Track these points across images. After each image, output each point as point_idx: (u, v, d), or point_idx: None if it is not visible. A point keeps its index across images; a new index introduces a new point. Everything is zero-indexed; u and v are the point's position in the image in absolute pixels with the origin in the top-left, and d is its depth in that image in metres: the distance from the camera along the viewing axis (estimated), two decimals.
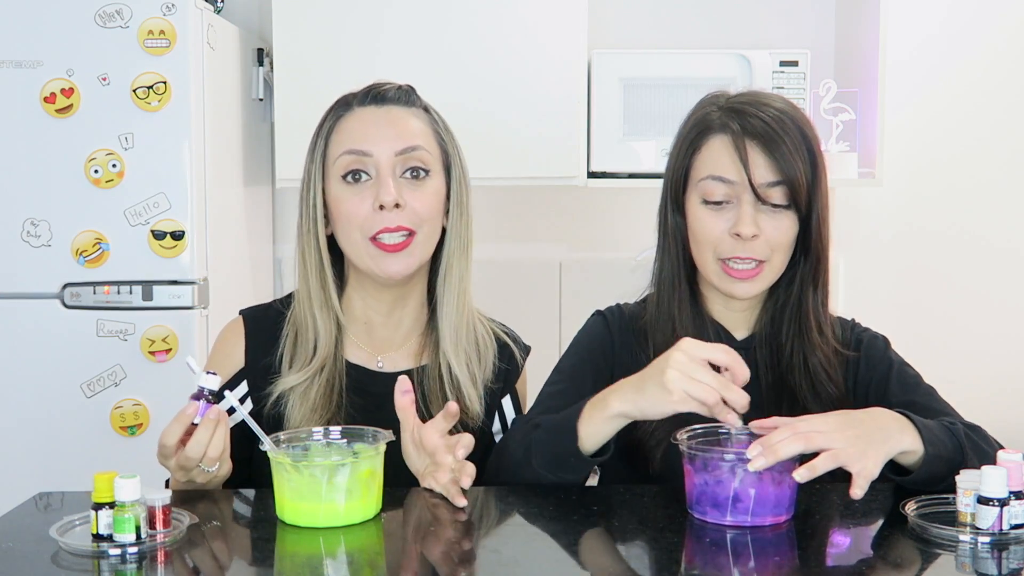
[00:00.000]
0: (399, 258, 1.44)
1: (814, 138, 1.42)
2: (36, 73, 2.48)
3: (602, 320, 1.55)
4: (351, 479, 1.19)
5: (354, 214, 1.43)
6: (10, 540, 1.18)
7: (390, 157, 1.43)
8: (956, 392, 1.61)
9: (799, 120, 1.42)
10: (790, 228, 1.41)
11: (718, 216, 1.41)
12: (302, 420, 1.43)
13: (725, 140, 1.40)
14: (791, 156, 1.37)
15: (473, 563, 1.13)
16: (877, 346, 1.52)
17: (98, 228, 2.50)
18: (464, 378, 1.49)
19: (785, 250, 1.42)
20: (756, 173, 1.38)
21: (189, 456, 1.25)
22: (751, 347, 1.48)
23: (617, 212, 3.17)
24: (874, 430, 1.23)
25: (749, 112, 1.40)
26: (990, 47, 3.15)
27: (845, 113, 2.85)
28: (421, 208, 1.44)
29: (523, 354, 1.60)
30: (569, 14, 2.77)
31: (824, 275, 1.46)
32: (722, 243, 1.41)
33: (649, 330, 1.49)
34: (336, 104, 1.50)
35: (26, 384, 2.53)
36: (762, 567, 1.12)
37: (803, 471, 1.17)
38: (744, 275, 1.41)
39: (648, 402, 1.25)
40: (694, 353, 1.23)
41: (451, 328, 1.50)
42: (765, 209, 1.39)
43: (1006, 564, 1.11)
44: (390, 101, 1.48)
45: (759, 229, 1.39)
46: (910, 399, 1.43)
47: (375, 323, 1.52)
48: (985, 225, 3.19)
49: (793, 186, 1.38)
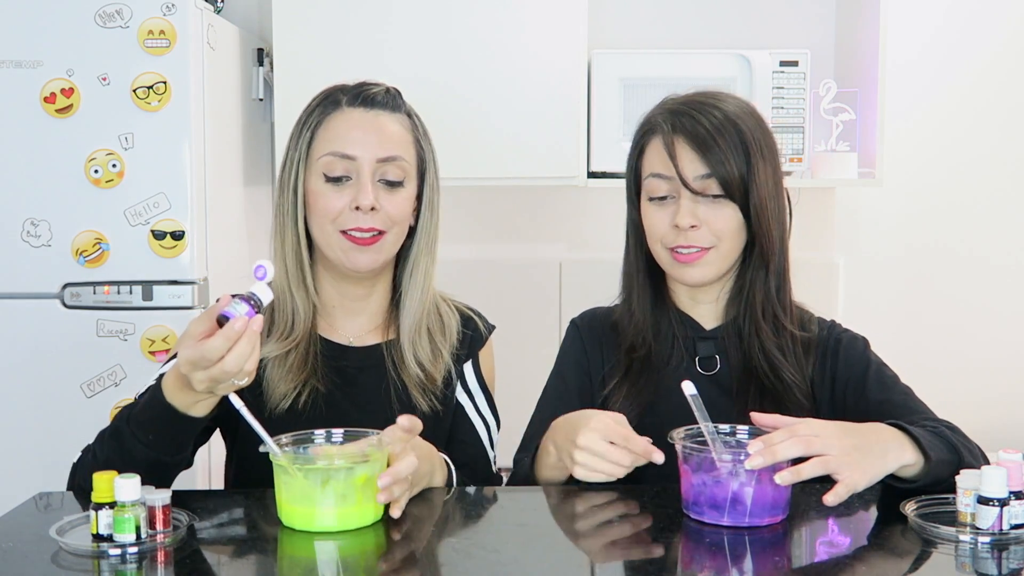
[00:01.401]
0: (368, 253, 1.50)
1: (753, 129, 1.47)
2: (36, 73, 2.48)
3: (574, 330, 1.63)
4: (346, 484, 1.19)
5: (330, 210, 1.49)
6: (10, 540, 1.18)
7: (371, 163, 1.49)
8: (953, 391, 1.61)
9: (736, 116, 1.47)
10: (732, 216, 1.47)
11: (662, 210, 1.49)
12: (279, 382, 1.48)
13: (660, 140, 1.49)
14: (720, 150, 1.44)
15: (473, 563, 1.13)
16: (856, 346, 1.54)
17: (98, 228, 2.50)
18: (425, 359, 1.55)
19: (730, 238, 1.48)
20: (685, 168, 1.45)
21: (226, 370, 1.17)
22: (720, 337, 1.54)
23: (617, 212, 3.12)
24: (873, 444, 1.23)
25: (683, 111, 1.48)
26: (990, 47, 3.15)
27: (845, 113, 2.85)
28: (394, 212, 1.50)
29: (487, 328, 1.66)
30: (569, 14, 2.77)
31: (775, 263, 1.50)
32: (667, 235, 1.49)
33: (619, 325, 1.57)
34: (325, 98, 1.54)
35: (26, 384, 2.53)
36: (762, 567, 1.12)
37: (786, 474, 1.17)
38: (689, 259, 1.48)
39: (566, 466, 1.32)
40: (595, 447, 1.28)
41: (413, 317, 1.56)
42: (704, 200, 1.46)
43: (1006, 564, 1.11)
44: (378, 105, 1.52)
45: (698, 220, 1.46)
46: (887, 398, 1.46)
47: (344, 306, 1.58)
48: (984, 225, 3.19)
49: (723, 178, 1.44)
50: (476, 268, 3.10)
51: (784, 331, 1.51)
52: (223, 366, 1.17)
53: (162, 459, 1.30)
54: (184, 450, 1.32)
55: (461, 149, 2.61)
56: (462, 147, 2.65)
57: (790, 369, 1.49)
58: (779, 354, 1.50)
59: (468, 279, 2.61)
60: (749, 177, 1.45)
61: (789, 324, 1.52)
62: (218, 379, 1.19)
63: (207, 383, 1.20)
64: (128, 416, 1.32)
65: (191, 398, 1.26)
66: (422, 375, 1.54)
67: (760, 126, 1.49)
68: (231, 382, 1.21)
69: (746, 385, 1.49)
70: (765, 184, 1.46)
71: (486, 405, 1.62)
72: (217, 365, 1.18)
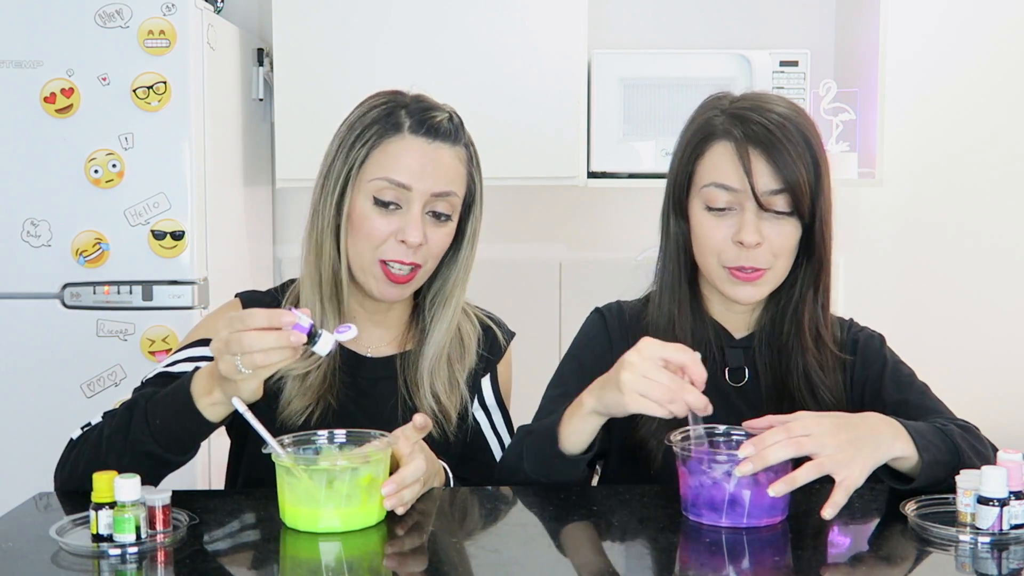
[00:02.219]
0: (401, 288, 1.47)
1: (817, 142, 1.41)
2: (36, 73, 2.48)
3: (600, 318, 1.56)
4: (351, 485, 1.19)
5: (374, 236, 1.45)
6: (10, 540, 1.18)
7: (425, 195, 1.45)
8: (955, 392, 1.61)
9: (802, 125, 1.40)
10: (792, 234, 1.41)
11: (721, 222, 1.41)
12: (295, 397, 1.46)
13: (728, 147, 1.39)
14: (794, 163, 1.36)
15: (473, 563, 1.13)
16: (872, 345, 1.52)
17: (98, 228, 2.50)
18: (442, 391, 1.52)
19: (788, 256, 1.42)
20: (759, 181, 1.37)
21: (244, 343, 1.16)
22: (750, 346, 1.49)
23: (617, 212, 3.17)
24: (866, 435, 1.23)
25: (752, 118, 1.39)
26: (990, 47, 3.15)
27: (845, 113, 2.85)
28: (436, 247, 1.48)
29: (506, 337, 1.63)
30: (569, 14, 2.77)
31: (826, 279, 1.46)
32: (726, 250, 1.41)
33: (650, 329, 1.49)
34: (387, 116, 1.47)
35: (26, 384, 2.53)
36: (762, 568, 1.12)
37: (780, 485, 1.17)
38: (748, 278, 1.41)
39: (609, 400, 1.26)
40: (648, 353, 1.23)
41: (436, 347, 1.52)
42: (768, 216, 1.39)
43: (1006, 564, 1.11)
44: (441, 137, 1.47)
45: (762, 236, 1.39)
46: (903, 398, 1.44)
47: (364, 318, 1.55)
48: (985, 225, 3.19)
49: (796, 194, 1.37)
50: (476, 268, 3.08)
51: (825, 348, 1.46)
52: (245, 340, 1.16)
53: (156, 452, 1.29)
54: (180, 451, 1.31)
55: None
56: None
57: (827, 390, 1.45)
58: (819, 374, 1.45)
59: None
60: (818, 192, 1.38)
61: (831, 343, 1.47)
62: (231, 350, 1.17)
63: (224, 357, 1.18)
64: (151, 395, 1.32)
65: (210, 398, 1.25)
66: (436, 407, 1.51)
67: (819, 136, 1.42)
68: (238, 367, 1.17)
69: (778, 401, 1.44)
70: (828, 199, 1.41)
71: (503, 423, 1.60)
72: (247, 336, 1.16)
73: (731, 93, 1.47)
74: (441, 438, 1.51)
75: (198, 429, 1.28)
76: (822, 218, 1.40)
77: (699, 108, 1.48)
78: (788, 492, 1.18)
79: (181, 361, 1.45)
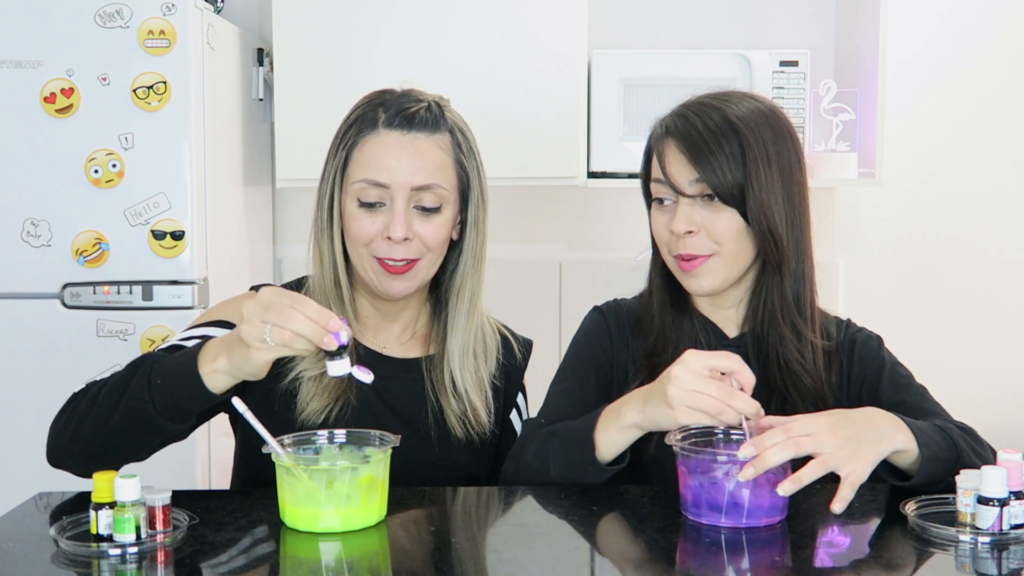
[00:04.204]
0: (401, 280, 1.47)
1: (751, 132, 1.41)
2: (36, 73, 2.48)
3: (599, 316, 1.58)
4: (351, 486, 1.19)
5: (363, 235, 1.45)
6: (10, 540, 1.18)
7: (406, 191, 1.44)
8: (955, 392, 1.61)
9: (737, 116, 1.42)
10: (731, 221, 1.41)
11: (663, 215, 1.46)
12: (312, 398, 1.45)
13: (657, 143, 1.46)
14: (710, 154, 1.39)
15: (473, 563, 1.13)
16: (870, 346, 1.52)
17: (98, 228, 2.50)
18: (472, 387, 1.52)
19: (732, 242, 1.42)
20: (675, 173, 1.42)
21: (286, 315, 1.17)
22: (742, 345, 1.49)
23: (617, 212, 3.17)
24: (867, 430, 1.23)
25: (679, 113, 1.45)
26: (990, 47, 3.15)
27: (845, 113, 2.85)
28: (429, 239, 1.46)
29: (523, 349, 1.63)
30: (569, 14, 2.77)
31: (787, 267, 1.45)
32: (670, 241, 1.45)
33: (646, 328, 1.52)
34: (363, 113, 1.48)
35: (26, 384, 2.53)
36: (762, 568, 1.12)
37: (787, 484, 1.17)
38: (692, 267, 1.44)
39: (656, 415, 1.27)
40: (694, 366, 1.23)
41: (459, 342, 1.52)
42: (702, 205, 1.42)
43: (1006, 564, 1.11)
44: (417, 127, 1.45)
45: (695, 225, 1.41)
46: (901, 399, 1.44)
47: (378, 321, 1.55)
48: (985, 225, 3.19)
49: (715, 183, 1.40)
50: None
51: (804, 339, 1.46)
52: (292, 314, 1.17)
53: (149, 412, 1.27)
54: (172, 417, 1.29)
55: None
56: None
57: (810, 380, 1.45)
58: (798, 365, 1.45)
59: None
60: (746, 181, 1.40)
61: (810, 333, 1.46)
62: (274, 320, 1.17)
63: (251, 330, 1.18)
64: (159, 356, 1.32)
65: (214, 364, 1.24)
66: (463, 405, 1.51)
67: (770, 127, 1.43)
68: (266, 338, 1.18)
69: (765, 398, 1.41)
70: (768, 188, 1.40)
71: None
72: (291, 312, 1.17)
73: (697, 95, 1.50)
74: (469, 439, 1.51)
75: (194, 395, 1.27)
76: (757, 207, 1.40)
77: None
78: (795, 491, 1.18)
79: (197, 338, 1.44)
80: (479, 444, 1.53)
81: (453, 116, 1.51)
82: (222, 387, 1.26)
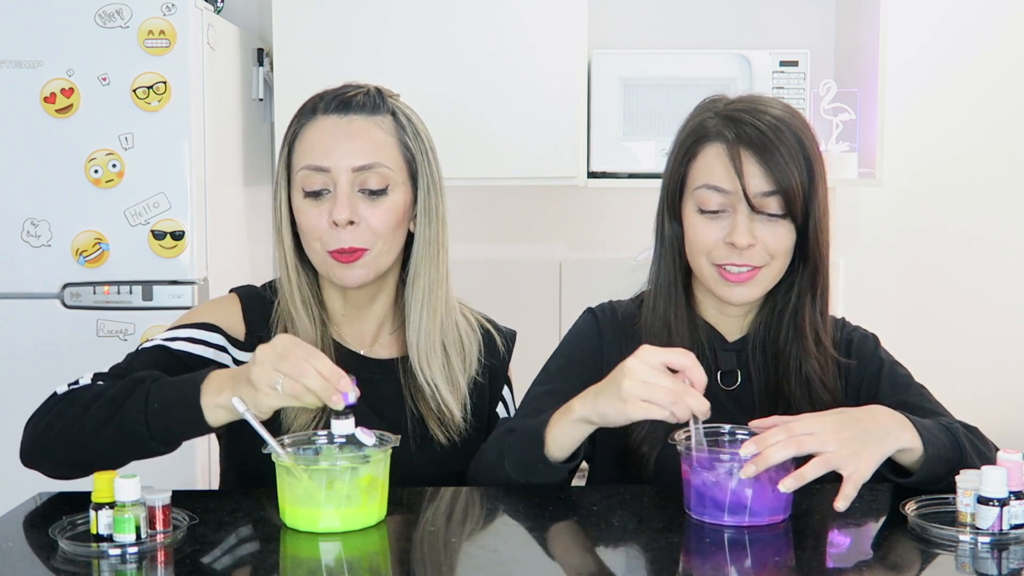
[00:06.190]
0: (354, 269, 1.44)
1: (812, 144, 1.40)
2: (36, 73, 2.48)
3: (592, 318, 1.56)
4: (350, 486, 1.18)
5: (313, 227, 1.44)
6: (10, 540, 1.18)
7: (347, 173, 1.42)
8: (955, 392, 1.61)
9: (796, 127, 1.40)
10: (786, 236, 1.40)
11: (713, 224, 1.41)
12: (298, 414, 1.44)
13: (720, 149, 1.39)
14: (786, 165, 1.36)
15: (473, 563, 1.13)
16: (867, 345, 1.52)
17: (98, 228, 2.50)
18: (441, 383, 1.50)
19: (782, 257, 1.41)
20: (751, 183, 1.37)
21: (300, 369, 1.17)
22: (743, 349, 1.49)
23: (617, 212, 3.17)
24: (871, 429, 1.23)
25: (745, 119, 1.38)
26: (990, 47, 3.15)
27: (845, 113, 2.85)
28: (377, 224, 1.43)
29: (506, 341, 1.62)
30: (569, 14, 2.77)
31: (823, 282, 1.45)
32: (716, 250, 1.41)
33: (644, 332, 1.49)
34: (304, 107, 1.48)
35: (26, 384, 2.52)
36: (762, 568, 1.12)
37: (790, 481, 1.17)
38: (740, 278, 1.40)
39: (606, 409, 1.24)
40: (649, 359, 1.22)
41: (415, 334, 1.50)
42: (761, 218, 1.39)
43: (1006, 564, 1.11)
44: (355, 109, 1.44)
45: (754, 238, 1.38)
46: (901, 399, 1.43)
47: (351, 316, 1.54)
48: (985, 225, 3.19)
49: (788, 196, 1.36)
50: (476, 268, 3.10)
51: (826, 352, 1.45)
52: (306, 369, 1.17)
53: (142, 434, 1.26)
54: (164, 440, 1.28)
55: (461, 149, 2.60)
56: (462, 147, 2.65)
57: (828, 393, 1.44)
58: (820, 378, 1.44)
59: (468, 279, 2.60)
60: (811, 195, 1.37)
61: (831, 347, 1.46)
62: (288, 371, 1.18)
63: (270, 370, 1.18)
64: (158, 377, 1.31)
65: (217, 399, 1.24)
66: (436, 402, 1.49)
67: (815, 138, 1.41)
68: (277, 386, 1.18)
69: (772, 405, 1.43)
70: (822, 201, 1.40)
71: None
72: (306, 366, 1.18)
73: (726, 96, 1.46)
74: (449, 439, 1.50)
75: (191, 426, 1.27)
76: (817, 221, 1.40)
77: (694, 110, 1.48)
78: (797, 488, 1.17)
79: (183, 340, 1.44)
80: (460, 443, 1.51)
81: (396, 102, 1.49)
82: (221, 422, 1.26)
